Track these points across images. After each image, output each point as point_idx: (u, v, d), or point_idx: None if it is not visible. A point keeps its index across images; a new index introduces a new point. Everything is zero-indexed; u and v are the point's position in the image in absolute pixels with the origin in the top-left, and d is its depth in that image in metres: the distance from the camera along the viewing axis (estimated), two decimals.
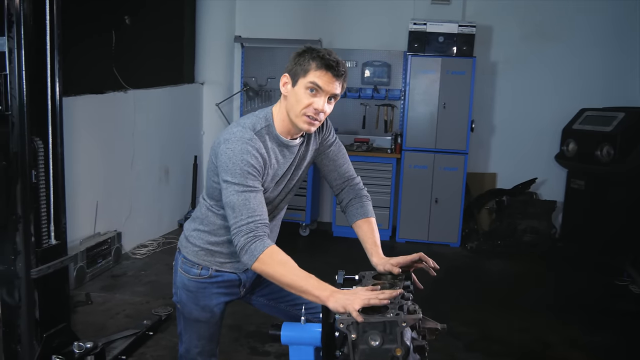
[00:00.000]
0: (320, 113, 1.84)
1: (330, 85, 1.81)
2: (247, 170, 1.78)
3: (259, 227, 1.74)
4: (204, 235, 2.02)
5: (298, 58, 1.83)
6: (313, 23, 6.49)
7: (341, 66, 1.82)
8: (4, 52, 2.53)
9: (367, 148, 6.13)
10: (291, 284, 1.70)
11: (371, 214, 2.10)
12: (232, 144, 1.80)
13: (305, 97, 1.81)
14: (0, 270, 2.68)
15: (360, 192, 2.13)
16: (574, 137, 5.88)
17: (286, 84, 1.86)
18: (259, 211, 1.77)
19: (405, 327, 1.52)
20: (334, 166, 2.11)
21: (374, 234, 2.05)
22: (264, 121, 1.90)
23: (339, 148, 2.11)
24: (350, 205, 2.11)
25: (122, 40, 5.04)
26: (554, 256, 5.69)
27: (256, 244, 1.72)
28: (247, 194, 1.77)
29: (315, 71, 1.79)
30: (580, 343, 3.79)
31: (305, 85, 1.80)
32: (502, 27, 6.27)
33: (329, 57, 1.80)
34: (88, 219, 4.64)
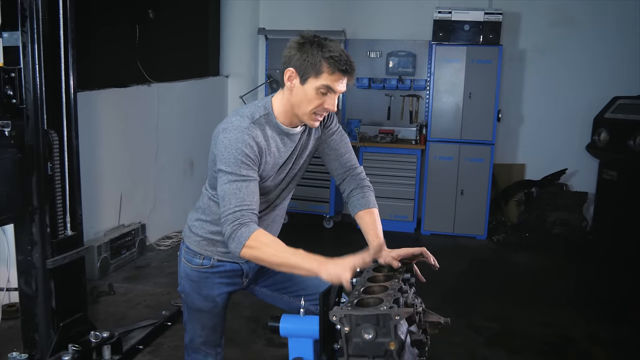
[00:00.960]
0: (329, 110, 1.84)
1: (342, 86, 1.80)
2: (241, 160, 1.77)
3: (245, 214, 1.73)
4: (206, 225, 2.02)
5: (305, 53, 1.76)
6: (337, 14, 6.44)
7: (353, 65, 1.79)
8: (18, 47, 2.57)
9: (392, 139, 6.05)
10: (281, 262, 1.71)
11: (373, 205, 2.06)
12: (228, 133, 1.80)
13: (316, 98, 1.79)
14: (19, 260, 2.74)
15: (362, 182, 2.09)
16: (606, 126, 5.69)
17: (292, 79, 1.81)
18: (248, 200, 1.76)
19: (398, 320, 1.48)
20: (336, 155, 2.07)
21: (376, 225, 2.00)
22: (263, 110, 1.88)
23: (342, 137, 2.08)
24: (352, 196, 2.08)
25: (146, 34, 5.09)
26: (584, 250, 5.53)
27: (241, 230, 1.71)
28: (239, 183, 1.76)
29: (330, 75, 1.75)
30: (604, 339, 3.67)
31: (317, 87, 1.77)
32: (530, 13, 6.09)
33: (341, 58, 1.75)
34: (112, 211, 4.72)
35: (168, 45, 5.49)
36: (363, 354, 1.51)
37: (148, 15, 5.20)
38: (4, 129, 2.54)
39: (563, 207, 5.91)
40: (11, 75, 2.55)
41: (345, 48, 6.37)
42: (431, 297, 4.13)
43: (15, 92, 2.57)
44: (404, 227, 5.98)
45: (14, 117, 2.58)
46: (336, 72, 1.75)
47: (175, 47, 5.62)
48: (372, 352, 1.50)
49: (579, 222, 5.94)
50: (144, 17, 5.15)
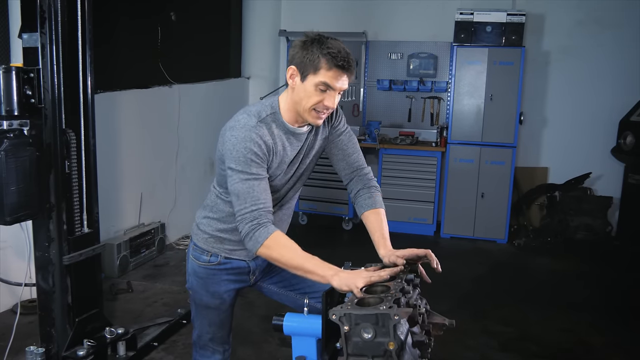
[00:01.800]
0: (330, 108, 1.83)
1: (341, 82, 1.80)
2: (251, 158, 1.79)
3: (263, 214, 1.76)
4: (213, 223, 2.04)
5: (305, 51, 1.78)
6: (358, 15, 6.44)
7: (352, 61, 1.80)
8: (37, 47, 2.63)
9: (412, 141, 6.02)
10: (297, 265, 1.74)
11: (380, 205, 2.05)
12: (236, 132, 1.82)
13: (315, 95, 1.80)
14: (37, 256, 2.80)
15: (369, 183, 2.09)
16: (632, 129, 5.58)
17: (293, 77, 1.84)
18: (263, 199, 1.78)
19: (398, 320, 1.47)
20: (343, 155, 2.07)
21: (382, 226, 2.00)
22: (270, 109, 1.90)
23: (350, 137, 2.08)
24: (359, 196, 2.08)
25: (168, 36, 5.17)
26: (608, 255, 5.42)
27: (260, 230, 1.74)
28: (251, 182, 1.78)
29: (327, 71, 1.76)
30: (625, 346, 3.59)
31: (316, 84, 1.78)
32: (554, 14, 6.01)
33: (339, 54, 1.76)
34: (133, 210, 4.80)
35: (189, 47, 5.56)
36: (362, 353, 1.50)
37: (170, 18, 5.28)
38: (23, 128, 2.60)
39: (587, 211, 5.80)
40: (30, 76, 2.61)
41: (366, 50, 6.38)
42: (447, 300, 4.13)
43: (34, 92, 2.62)
44: (423, 229, 5.94)
45: (32, 116, 2.63)
46: (333, 68, 1.76)
47: (196, 49, 5.70)
48: (371, 351, 1.50)
49: (603, 227, 5.82)
50: (166, 19, 5.23)
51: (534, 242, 5.71)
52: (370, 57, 6.44)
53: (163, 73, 5.10)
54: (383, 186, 5.95)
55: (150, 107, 4.98)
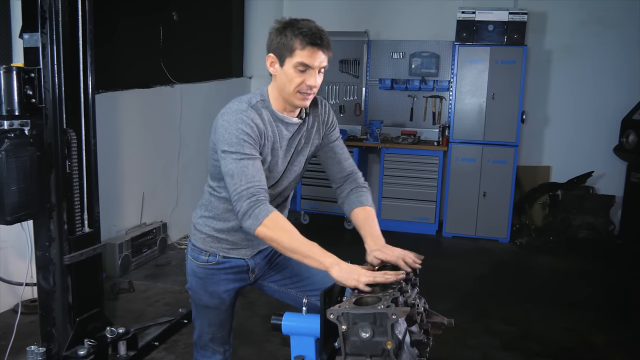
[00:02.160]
0: (313, 87, 1.84)
1: (318, 60, 1.81)
2: (243, 139, 1.79)
3: (260, 191, 1.75)
4: (209, 222, 2.05)
5: (279, 36, 1.81)
6: (360, 14, 6.43)
7: (325, 37, 1.81)
8: (37, 48, 2.64)
9: (414, 140, 6.02)
10: (295, 249, 1.72)
11: (368, 204, 2.06)
12: (227, 116, 1.84)
13: (296, 77, 1.82)
14: (37, 256, 2.80)
15: (360, 184, 2.11)
16: (634, 128, 5.56)
17: (273, 64, 1.86)
18: (258, 177, 1.78)
19: (395, 319, 1.47)
20: (338, 160, 2.10)
21: (369, 221, 2.00)
22: (260, 96, 1.92)
23: (342, 143, 2.12)
24: (350, 195, 2.09)
25: (170, 35, 5.17)
26: (611, 254, 5.40)
27: (260, 208, 1.72)
28: (244, 161, 1.78)
29: (302, 50, 1.78)
30: (627, 345, 3.58)
31: (294, 65, 1.80)
32: (557, 13, 5.99)
33: (310, 32, 1.78)
34: (135, 210, 4.81)
35: (191, 46, 5.56)
36: (360, 352, 1.50)
37: (172, 17, 5.28)
38: (24, 128, 2.61)
39: (589, 210, 5.78)
40: (31, 76, 2.61)
41: (368, 49, 6.37)
42: (449, 299, 4.13)
43: (34, 92, 2.62)
44: (425, 229, 5.94)
45: (33, 116, 2.63)
46: (307, 47, 1.78)
47: (198, 48, 5.70)
48: (369, 351, 1.50)
49: (606, 226, 5.80)
50: (168, 18, 5.23)
51: (536, 241, 5.70)
52: (372, 56, 6.43)
53: (165, 73, 5.11)
54: (385, 185, 5.97)
55: (152, 107, 4.99)
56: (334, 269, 1.66)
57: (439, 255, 5.38)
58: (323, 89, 6.32)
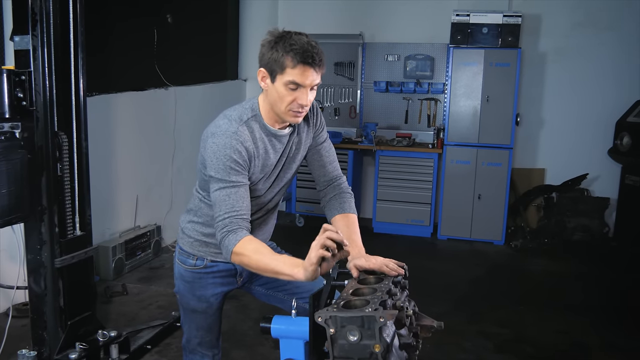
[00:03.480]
0: (305, 106, 1.81)
1: (310, 78, 1.76)
2: (230, 166, 1.77)
3: (234, 221, 1.74)
4: (198, 227, 2.04)
5: (271, 50, 1.75)
6: (355, 17, 6.44)
7: (317, 55, 1.74)
8: (28, 50, 2.63)
9: (408, 143, 6.02)
10: (265, 267, 1.70)
11: (351, 210, 2.04)
12: (217, 139, 1.80)
13: (287, 95, 1.77)
14: (28, 259, 2.80)
15: (344, 189, 2.09)
16: (628, 130, 5.57)
17: (264, 79, 1.81)
18: (238, 206, 1.76)
19: (383, 322, 1.46)
20: (323, 163, 2.08)
21: (350, 228, 1.96)
22: (250, 112, 1.88)
23: (330, 146, 2.10)
24: (332, 201, 2.07)
25: (164, 38, 5.16)
26: (605, 256, 5.40)
27: (229, 238, 1.72)
28: (228, 189, 1.77)
29: (293, 69, 1.72)
30: (621, 347, 3.57)
31: (285, 83, 1.75)
32: (551, 16, 6.00)
33: (302, 49, 1.72)
34: (129, 213, 4.79)
35: (186, 49, 5.56)
36: (348, 355, 1.49)
37: (166, 20, 5.28)
38: (15, 131, 2.60)
39: (584, 212, 5.79)
40: (22, 78, 2.61)
41: (363, 51, 6.38)
42: (444, 301, 4.13)
43: (25, 95, 2.62)
44: (420, 231, 5.93)
45: (24, 119, 2.63)
46: (298, 65, 1.72)
47: (193, 51, 5.69)
48: (357, 354, 1.49)
49: (600, 228, 5.81)
50: (163, 21, 5.22)
51: (531, 244, 5.70)
52: (367, 58, 6.43)
53: (159, 75, 5.10)
54: (380, 188, 5.96)
55: (147, 110, 4.97)
56: (300, 274, 1.63)
57: (433, 257, 5.38)
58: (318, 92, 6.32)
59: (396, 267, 1.79)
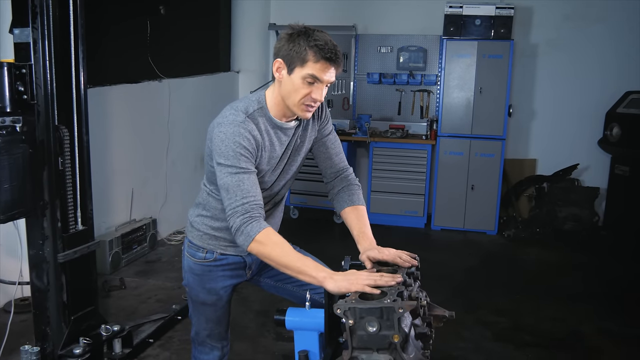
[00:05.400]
0: (318, 101, 1.83)
1: (328, 74, 1.80)
2: (240, 152, 1.78)
3: (254, 208, 1.75)
4: (206, 221, 2.04)
5: (292, 43, 1.78)
6: (348, 9, 6.43)
7: (339, 54, 1.79)
8: (28, 43, 2.60)
9: (402, 134, 6.04)
10: (288, 264, 1.72)
11: (360, 202, 2.07)
12: (224, 127, 1.81)
13: (303, 88, 1.80)
14: (30, 255, 2.77)
15: (352, 181, 2.11)
16: (618, 121, 5.64)
17: (280, 70, 1.83)
18: (253, 192, 1.77)
19: (402, 313, 1.49)
20: (329, 155, 2.10)
21: (361, 220, 2.02)
22: (257, 104, 1.89)
23: (335, 137, 2.12)
24: (340, 194, 2.10)
25: (157, 29, 5.12)
26: (595, 245, 5.49)
27: (252, 224, 1.72)
28: (240, 175, 1.77)
29: (315, 63, 1.76)
30: (615, 333, 3.65)
31: (303, 76, 1.78)
32: (543, 8, 6.05)
33: (326, 46, 1.76)
34: (124, 206, 4.77)
35: (179, 41, 5.52)
36: (367, 346, 1.52)
37: (159, 11, 5.23)
38: (16, 125, 2.56)
39: (574, 202, 5.87)
40: (22, 72, 2.56)
41: (356, 43, 6.38)
42: (440, 291, 4.16)
43: (26, 88, 2.58)
44: (414, 222, 5.98)
45: (25, 112, 2.59)
46: (321, 61, 1.76)
47: (186, 42, 5.66)
48: (376, 344, 1.51)
49: (591, 217, 5.89)
50: (155, 12, 5.17)
51: (523, 233, 5.77)
52: (360, 50, 6.43)
53: (153, 67, 5.06)
54: (374, 179, 5.99)
55: (141, 102, 4.94)
56: (328, 282, 1.65)
57: (428, 248, 5.42)
58: None
59: (409, 258, 1.82)
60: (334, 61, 1.78)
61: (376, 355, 1.52)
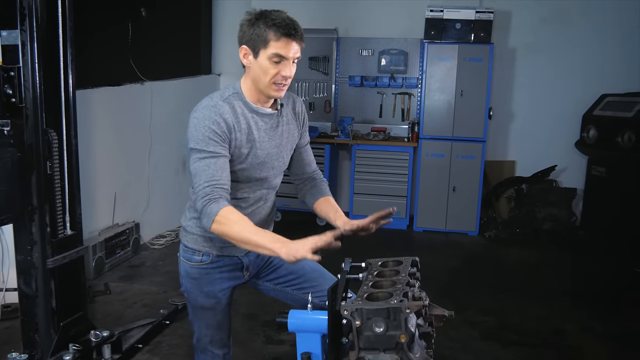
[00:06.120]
0: (288, 78, 1.88)
1: (292, 50, 1.84)
2: (209, 136, 1.82)
3: (215, 190, 1.78)
4: (199, 222, 2.02)
5: (252, 27, 1.83)
6: (329, 12, 6.46)
7: (298, 28, 1.84)
8: (17, 45, 2.56)
9: (384, 137, 6.09)
10: (247, 239, 1.75)
11: (329, 194, 2.16)
12: (197, 113, 1.87)
13: (271, 68, 1.84)
14: (18, 260, 2.73)
15: (318, 179, 2.21)
16: (594, 123, 5.77)
17: (247, 56, 1.88)
18: (218, 176, 1.81)
19: (409, 313, 1.51)
20: (303, 163, 2.19)
21: (334, 205, 2.10)
22: (232, 89, 1.95)
23: (309, 147, 2.22)
24: (312, 189, 2.18)
25: (139, 32, 5.07)
26: (573, 244, 5.61)
27: (211, 206, 1.76)
28: (208, 160, 1.81)
29: (277, 42, 1.81)
30: (598, 332, 3.73)
31: (269, 57, 1.83)
32: (520, 12, 6.17)
33: (284, 22, 1.81)
34: (107, 210, 4.70)
35: (161, 43, 5.47)
36: (374, 347, 1.53)
37: (141, 13, 5.18)
38: (4, 128, 2.54)
39: (553, 203, 5.97)
40: (10, 74, 2.54)
41: (337, 46, 6.41)
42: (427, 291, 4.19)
43: (14, 91, 2.56)
44: (396, 224, 6.02)
45: (13, 116, 2.57)
46: (282, 38, 1.81)
47: (168, 45, 5.61)
48: (382, 345, 1.53)
49: (568, 217, 6.01)
50: (137, 15, 5.13)
51: (504, 234, 5.86)
52: (341, 53, 6.47)
53: (134, 70, 5.01)
54: (356, 182, 6.03)
55: (123, 105, 4.89)
56: (282, 251, 1.69)
57: (411, 249, 5.47)
58: (292, 86, 6.32)
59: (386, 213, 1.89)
60: (294, 36, 1.83)
61: (383, 355, 1.53)
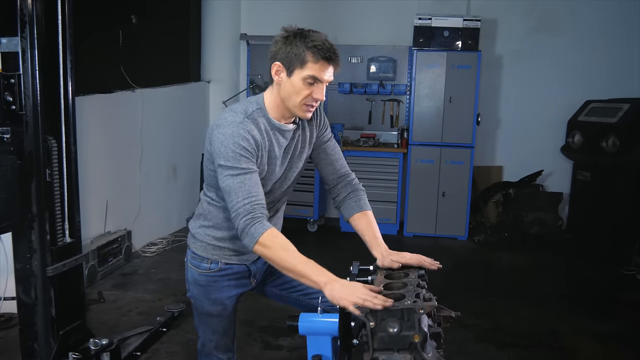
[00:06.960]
0: (318, 100, 1.87)
1: (328, 74, 1.83)
2: (240, 153, 1.79)
3: (256, 208, 1.76)
4: (209, 231, 2.04)
5: (289, 46, 1.80)
6: (318, 19, 6.49)
7: (337, 52, 1.83)
8: (17, 52, 2.55)
9: (374, 143, 6.15)
10: (291, 268, 1.74)
11: (367, 207, 2.11)
12: (223, 129, 1.82)
13: (304, 89, 1.82)
14: (17, 269, 2.71)
15: (356, 187, 2.14)
16: (579, 128, 5.89)
17: (279, 73, 1.85)
18: (255, 192, 1.78)
19: (422, 314, 1.55)
20: (330, 161, 2.13)
21: (372, 226, 2.05)
22: (256, 105, 1.92)
23: (335, 144, 2.15)
24: (348, 199, 2.12)
25: (129, 39, 5.07)
26: (561, 247, 5.71)
27: (255, 226, 1.73)
28: (242, 176, 1.78)
29: (314, 64, 1.79)
30: (590, 332, 3.81)
31: (304, 77, 1.80)
32: (507, 20, 6.28)
33: (324, 46, 1.79)
34: (98, 218, 4.67)
35: (151, 50, 5.47)
36: (388, 347, 1.56)
37: (131, 21, 5.18)
38: (4, 136, 2.53)
39: (539, 207, 6.07)
40: (10, 82, 2.53)
41: None
42: None
43: (14, 99, 2.55)
44: (387, 229, 6.05)
45: (13, 123, 2.55)
46: (320, 61, 1.79)
47: (158, 52, 5.61)
48: (396, 345, 1.56)
49: (555, 221, 6.11)
50: (127, 22, 5.12)
51: (492, 238, 5.93)
52: None
53: (125, 77, 5.00)
54: None
55: (114, 112, 4.87)
56: (326, 287, 1.66)
57: None
58: None
59: (432, 260, 1.91)
60: (333, 60, 1.82)
61: (396, 355, 1.56)
